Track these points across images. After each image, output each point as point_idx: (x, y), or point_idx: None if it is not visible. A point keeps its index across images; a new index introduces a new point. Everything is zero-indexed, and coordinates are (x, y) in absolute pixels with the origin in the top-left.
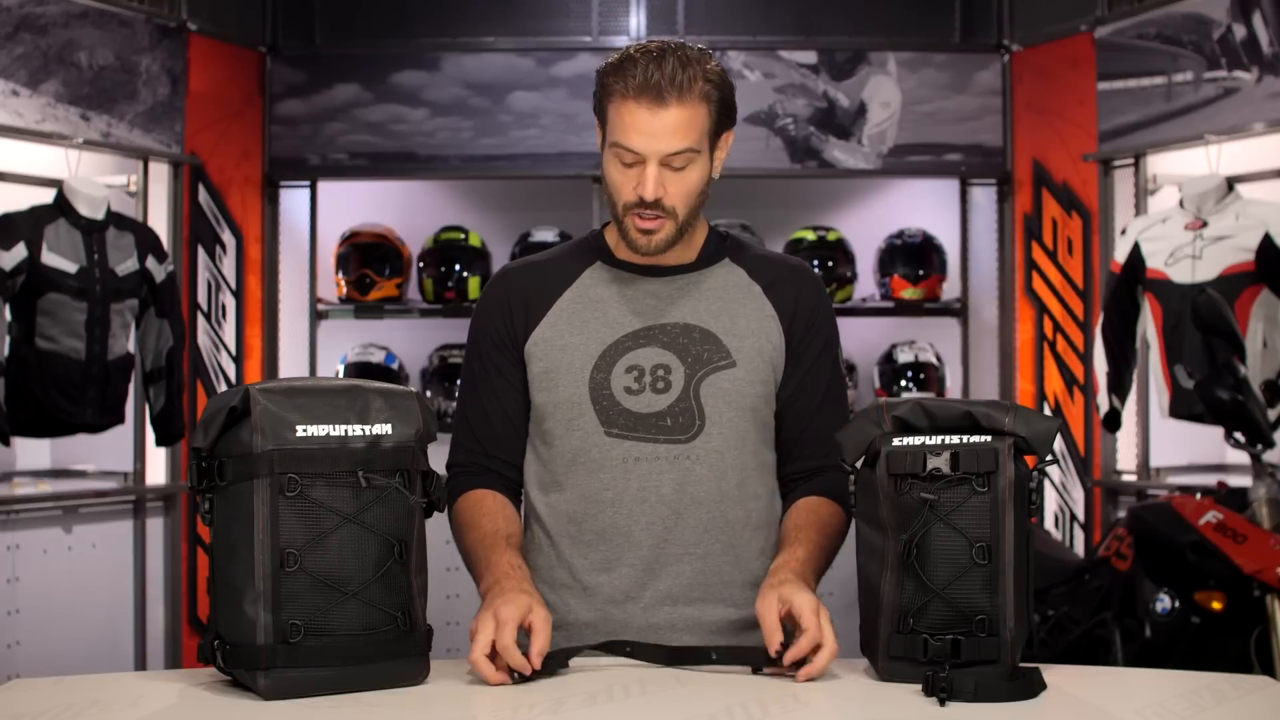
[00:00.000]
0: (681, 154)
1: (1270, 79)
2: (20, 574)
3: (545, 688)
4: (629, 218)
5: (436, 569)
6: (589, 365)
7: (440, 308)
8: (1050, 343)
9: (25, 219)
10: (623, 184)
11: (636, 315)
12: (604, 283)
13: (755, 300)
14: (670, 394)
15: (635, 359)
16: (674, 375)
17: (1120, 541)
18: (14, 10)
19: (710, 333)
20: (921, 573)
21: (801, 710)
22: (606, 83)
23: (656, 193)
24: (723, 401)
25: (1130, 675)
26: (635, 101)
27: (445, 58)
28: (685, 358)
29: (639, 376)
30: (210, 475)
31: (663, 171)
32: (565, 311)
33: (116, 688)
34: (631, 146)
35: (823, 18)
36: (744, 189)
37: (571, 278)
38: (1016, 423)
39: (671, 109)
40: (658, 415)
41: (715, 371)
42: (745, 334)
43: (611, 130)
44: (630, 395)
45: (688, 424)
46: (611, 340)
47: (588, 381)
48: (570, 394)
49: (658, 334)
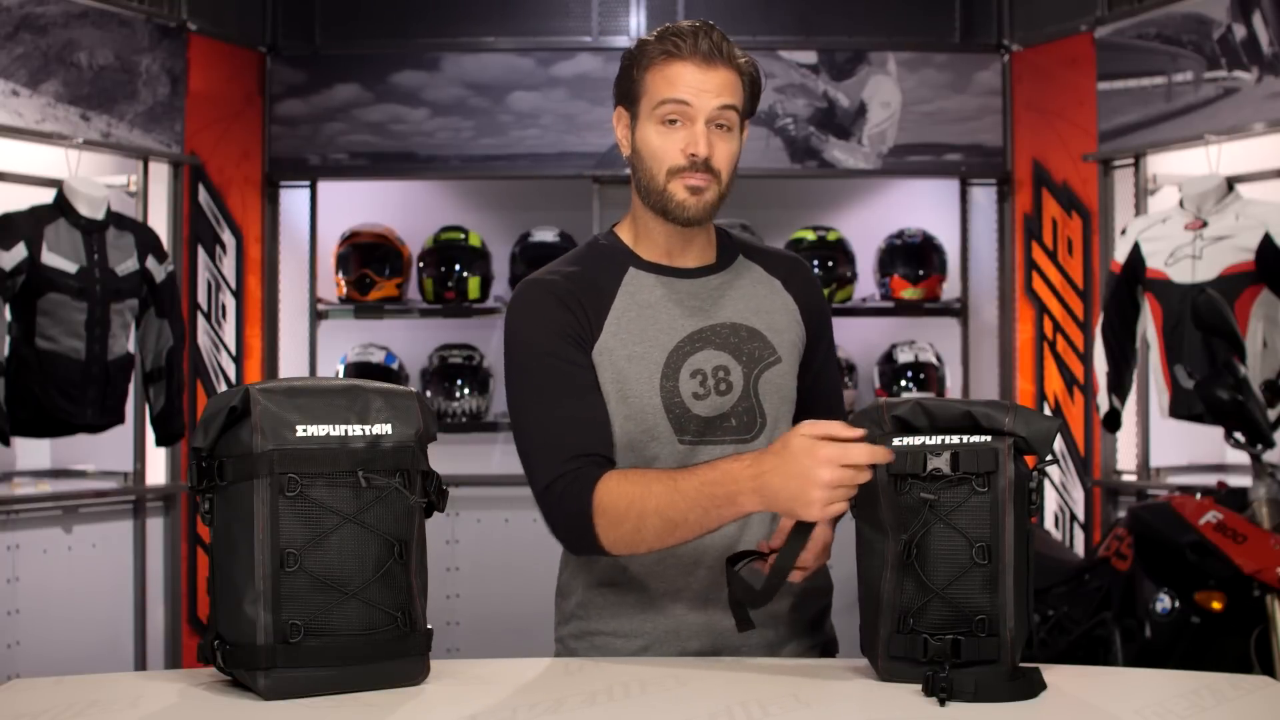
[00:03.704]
0: (728, 110)
1: (1270, 79)
2: (20, 574)
3: (545, 687)
4: (674, 182)
5: (436, 569)
6: (657, 373)
7: (440, 308)
8: (1050, 343)
9: (25, 219)
10: (667, 148)
11: (688, 319)
12: (647, 287)
13: (780, 295)
14: (732, 394)
15: (696, 363)
16: (733, 376)
17: (1120, 541)
18: (14, 10)
19: (756, 330)
20: (921, 573)
21: (801, 710)
22: (648, 51)
23: (708, 148)
24: (777, 396)
25: (1130, 675)
26: (686, 61)
27: (445, 58)
28: (740, 357)
29: (703, 380)
30: (210, 475)
31: (710, 132)
32: (623, 319)
33: (116, 688)
34: (684, 98)
35: (823, 18)
36: (744, 189)
37: (614, 285)
38: (1016, 423)
39: (720, 69)
40: (723, 417)
41: (769, 368)
42: (782, 329)
43: (656, 91)
44: (698, 400)
45: (750, 423)
46: (672, 346)
47: (659, 390)
48: (644, 404)
49: (710, 335)
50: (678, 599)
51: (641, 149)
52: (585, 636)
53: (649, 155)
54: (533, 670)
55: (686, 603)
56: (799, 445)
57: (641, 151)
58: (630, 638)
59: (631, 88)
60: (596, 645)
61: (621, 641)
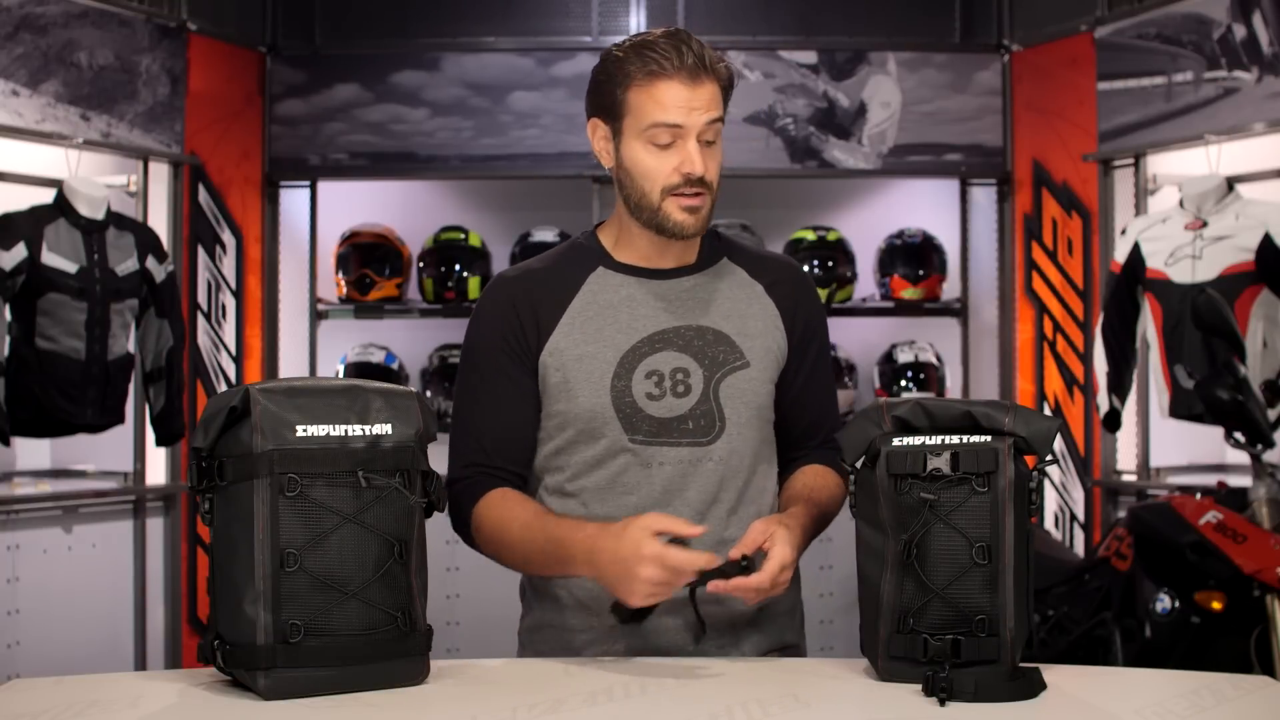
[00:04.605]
0: (715, 123)
1: (1270, 79)
2: (20, 574)
3: (545, 687)
4: (669, 201)
5: (436, 569)
6: (609, 373)
7: (440, 308)
8: (1050, 343)
9: (25, 219)
10: (659, 168)
11: (650, 319)
12: (612, 288)
13: (760, 300)
14: (690, 397)
15: (654, 364)
16: (693, 378)
17: (1120, 541)
18: (14, 10)
19: (724, 334)
20: (921, 573)
21: (801, 710)
22: (627, 69)
23: (704, 166)
24: (740, 402)
25: (1130, 675)
26: (672, 79)
27: (445, 58)
28: (703, 360)
29: (659, 381)
30: (210, 475)
31: (701, 148)
32: (578, 319)
33: (116, 688)
34: (677, 121)
35: (823, 18)
36: (744, 189)
37: (577, 284)
38: (1016, 423)
39: (705, 84)
40: (679, 419)
41: (732, 373)
42: (755, 334)
43: (644, 113)
44: (652, 401)
45: (708, 426)
46: (628, 346)
47: (609, 390)
48: (592, 404)
49: (673, 337)
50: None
51: (631, 168)
52: (540, 629)
53: (640, 175)
54: (533, 670)
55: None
56: (631, 536)
57: (631, 170)
58: (580, 632)
59: (612, 105)
60: (548, 639)
61: (570, 636)
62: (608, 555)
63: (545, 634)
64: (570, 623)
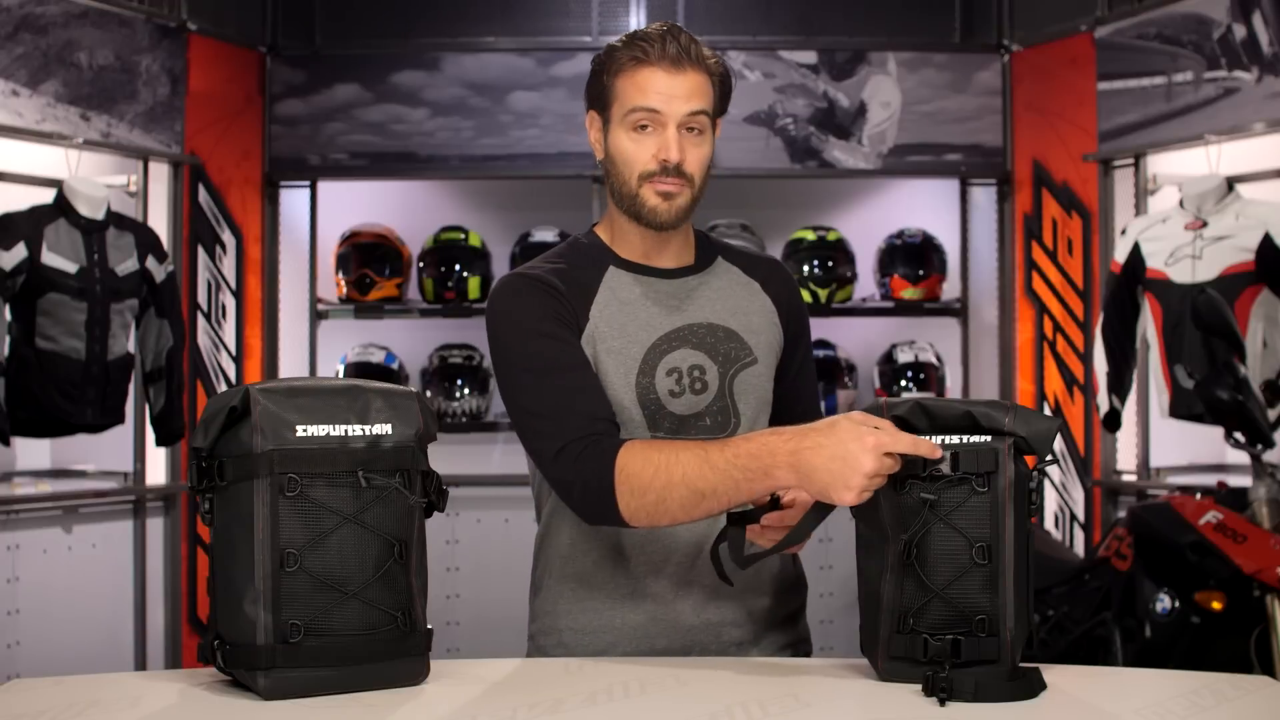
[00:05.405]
0: (698, 115)
1: (1270, 79)
2: (20, 574)
3: (545, 687)
4: (645, 187)
5: (436, 569)
6: (634, 369)
7: (440, 308)
8: (1050, 343)
9: (25, 219)
10: (638, 153)
11: (665, 318)
12: (626, 286)
13: (758, 297)
14: (707, 394)
15: (673, 361)
16: (709, 375)
17: (1120, 541)
18: (14, 10)
19: (733, 331)
20: (921, 573)
21: (802, 710)
22: (617, 57)
23: (680, 154)
24: (752, 396)
25: (1130, 675)
26: (654, 66)
27: (445, 58)
28: (716, 357)
29: (679, 378)
30: (210, 475)
31: (681, 136)
32: (604, 315)
33: (116, 688)
34: (653, 106)
35: (823, 18)
36: (744, 189)
37: (596, 281)
38: (1016, 423)
39: (689, 73)
40: (697, 416)
41: (744, 369)
42: (758, 330)
43: (626, 99)
44: (674, 398)
45: (724, 422)
46: (650, 343)
47: (634, 386)
48: (618, 399)
49: (687, 335)
50: (645, 596)
51: (614, 154)
52: (553, 633)
53: (621, 161)
54: (533, 670)
55: (654, 600)
56: (847, 428)
57: (614, 157)
58: (598, 634)
59: (602, 93)
60: (564, 643)
61: (589, 638)
62: (820, 453)
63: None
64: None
